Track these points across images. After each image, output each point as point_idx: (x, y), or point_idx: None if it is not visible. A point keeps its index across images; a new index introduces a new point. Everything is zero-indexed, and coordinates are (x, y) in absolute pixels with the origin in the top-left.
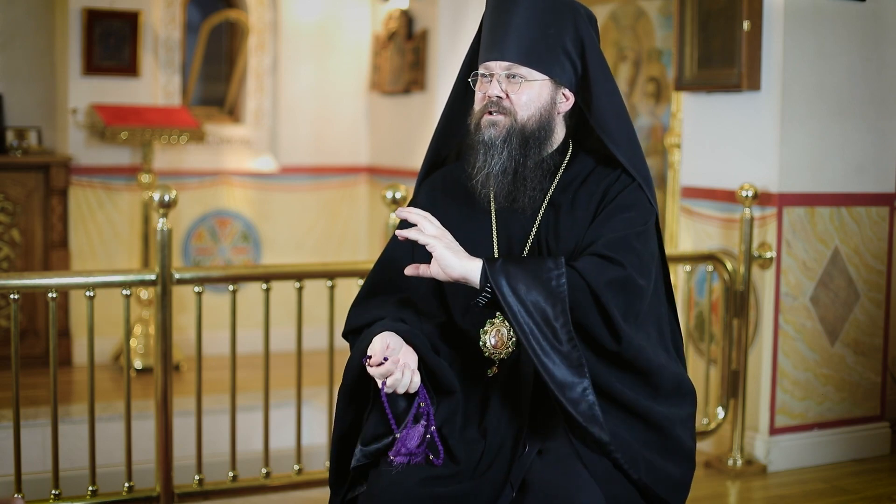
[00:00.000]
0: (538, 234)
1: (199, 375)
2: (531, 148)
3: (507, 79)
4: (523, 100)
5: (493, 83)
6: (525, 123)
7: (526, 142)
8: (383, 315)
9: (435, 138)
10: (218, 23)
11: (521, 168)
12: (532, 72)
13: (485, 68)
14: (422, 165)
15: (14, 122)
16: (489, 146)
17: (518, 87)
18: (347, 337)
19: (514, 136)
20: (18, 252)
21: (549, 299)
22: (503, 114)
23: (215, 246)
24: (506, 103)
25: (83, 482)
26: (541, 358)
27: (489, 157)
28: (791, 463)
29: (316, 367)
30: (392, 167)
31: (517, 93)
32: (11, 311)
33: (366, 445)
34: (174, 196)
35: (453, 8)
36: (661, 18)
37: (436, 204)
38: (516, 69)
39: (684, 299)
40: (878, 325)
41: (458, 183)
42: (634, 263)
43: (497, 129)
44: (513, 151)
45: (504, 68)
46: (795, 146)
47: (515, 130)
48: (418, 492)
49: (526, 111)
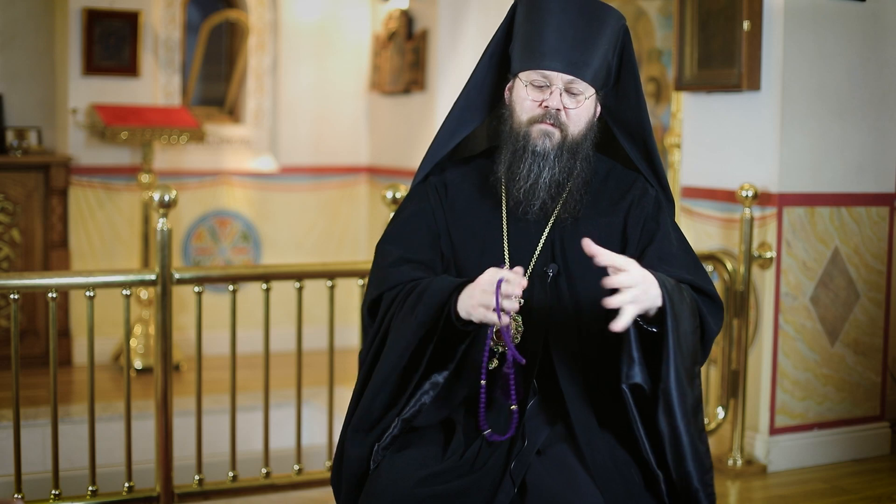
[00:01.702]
0: (551, 234)
1: (199, 375)
2: (577, 160)
3: (566, 92)
4: (581, 116)
5: (554, 95)
6: (575, 138)
7: (574, 155)
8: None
9: (444, 133)
10: (218, 23)
11: (566, 180)
12: (588, 87)
13: (542, 76)
14: (424, 159)
15: (14, 122)
16: (541, 157)
17: (578, 104)
18: (377, 300)
19: (566, 150)
20: (18, 252)
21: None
22: (558, 127)
23: (215, 246)
24: (562, 117)
25: (83, 482)
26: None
27: (538, 168)
28: (791, 463)
29: (316, 367)
30: (392, 167)
31: (576, 109)
32: (11, 311)
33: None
34: (174, 196)
35: (453, 8)
36: (661, 18)
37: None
38: (577, 84)
39: None
40: (878, 325)
41: (466, 182)
42: (707, 279)
43: (551, 141)
44: (563, 164)
45: (566, 81)
46: (795, 146)
47: (567, 145)
48: (418, 491)
49: (577, 126)
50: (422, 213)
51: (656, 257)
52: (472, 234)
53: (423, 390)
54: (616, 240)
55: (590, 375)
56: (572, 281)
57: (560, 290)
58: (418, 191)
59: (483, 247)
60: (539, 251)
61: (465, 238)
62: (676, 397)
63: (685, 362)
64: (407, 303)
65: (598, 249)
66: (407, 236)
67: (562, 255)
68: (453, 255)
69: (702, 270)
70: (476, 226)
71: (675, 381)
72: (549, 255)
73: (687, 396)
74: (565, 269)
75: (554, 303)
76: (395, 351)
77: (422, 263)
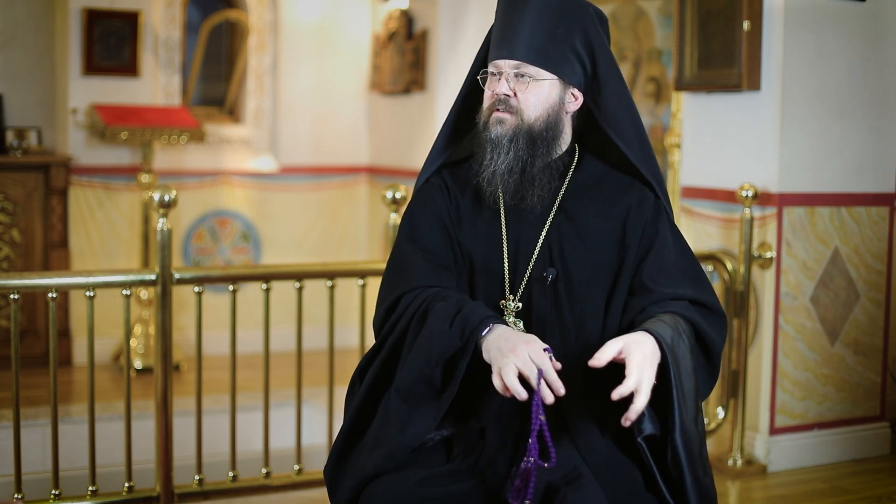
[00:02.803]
0: (548, 237)
1: (199, 375)
2: (539, 148)
3: (515, 77)
4: (531, 100)
5: (502, 81)
6: (532, 123)
7: (533, 142)
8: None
9: (442, 137)
10: (218, 23)
11: (529, 168)
12: (541, 71)
13: (494, 66)
14: (425, 163)
15: (14, 122)
16: (496, 144)
17: (526, 87)
18: (397, 301)
19: (521, 135)
20: (18, 252)
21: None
22: (510, 112)
23: (215, 246)
24: (513, 102)
25: (83, 482)
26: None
27: (495, 156)
28: (791, 463)
29: (316, 367)
30: (392, 167)
31: (525, 92)
32: (11, 311)
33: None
34: (174, 196)
35: (453, 8)
36: (661, 18)
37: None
38: (525, 68)
39: None
40: (878, 325)
41: (467, 182)
42: (706, 288)
43: (504, 127)
44: (520, 151)
45: (513, 67)
46: (795, 146)
47: (522, 130)
48: (418, 492)
49: (533, 111)
50: (432, 214)
51: (656, 268)
52: (472, 235)
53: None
54: (613, 244)
55: (589, 379)
56: (571, 284)
57: (559, 294)
58: (423, 192)
59: (483, 249)
60: (537, 254)
61: (466, 240)
62: (681, 445)
63: (687, 404)
64: (430, 329)
65: (599, 357)
66: (423, 238)
67: (560, 256)
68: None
69: (701, 276)
70: (476, 228)
71: (679, 430)
72: (547, 258)
73: (691, 438)
74: (564, 272)
75: (553, 307)
76: (412, 373)
77: (440, 266)
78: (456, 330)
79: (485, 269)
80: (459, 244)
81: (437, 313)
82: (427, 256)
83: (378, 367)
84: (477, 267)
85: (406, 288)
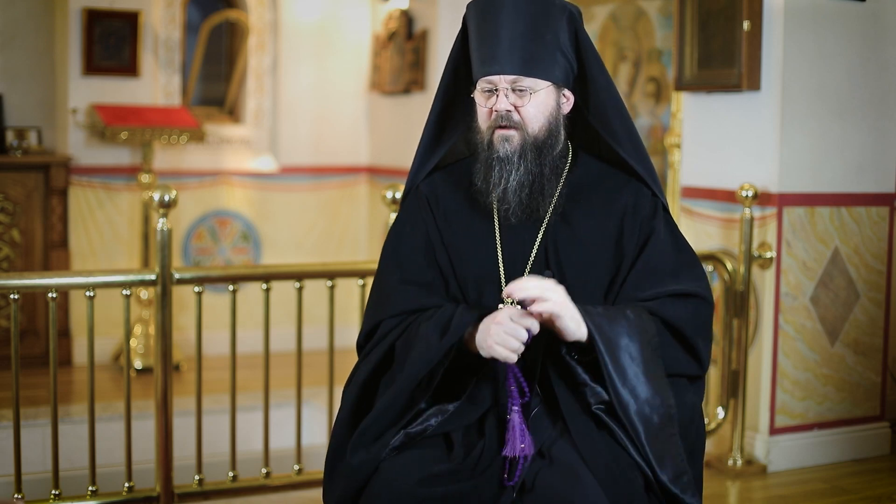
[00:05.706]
0: (544, 239)
1: (199, 375)
2: (545, 156)
3: (513, 91)
4: (532, 111)
5: (500, 98)
6: (537, 135)
7: (540, 152)
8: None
9: (424, 141)
10: (218, 23)
11: (538, 178)
12: (537, 81)
13: (487, 83)
14: (411, 168)
15: (14, 122)
16: (506, 162)
17: (527, 100)
18: (375, 327)
19: (529, 149)
20: (18, 252)
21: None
22: (514, 128)
23: (215, 246)
24: (515, 117)
25: (83, 482)
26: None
27: (505, 173)
28: (791, 463)
29: (316, 367)
30: (392, 167)
31: (526, 105)
32: (11, 311)
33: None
34: (174, 196)
35: (453, 8)
36: (661, 18)
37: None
38: (521, 81)
39: None
40: (878, 325)
41: (458, 186)
42: (699, 276)
43: (511, 144)
44: (529, 164)
45: (509, 82)
46: (795, 146)
47: (529, 143)
48: (418, 491)
49: (536, 122)
50: (417, 231)
51: (643, 273)
52: (466, 242)
53: (430, 413)
54: (609, 245)
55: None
56: (567, 286)
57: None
58: (410, 205)
59: (478, 255)
60: (533, 257)
61: (460, 247)
62: (637, 418)
63: (648, 380)
64: (420, 331)
65: (513, 287)
66: (406, 257)
67: (556, 259)
68: (451, 266)
69: (695, 268)
70: (470, 234)
71: (621, 401)
72: (544, 261)
73: (642, 413)
74: (560, 273)
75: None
76: (408, 376)
77: (422, 286)
78: (444, 345)
79: (480, 273)
80: (449, 254)
81: (423, 336)
82: (406, 278)
83: (357, 390)
84: (472, 271)
85: (384, 315)
